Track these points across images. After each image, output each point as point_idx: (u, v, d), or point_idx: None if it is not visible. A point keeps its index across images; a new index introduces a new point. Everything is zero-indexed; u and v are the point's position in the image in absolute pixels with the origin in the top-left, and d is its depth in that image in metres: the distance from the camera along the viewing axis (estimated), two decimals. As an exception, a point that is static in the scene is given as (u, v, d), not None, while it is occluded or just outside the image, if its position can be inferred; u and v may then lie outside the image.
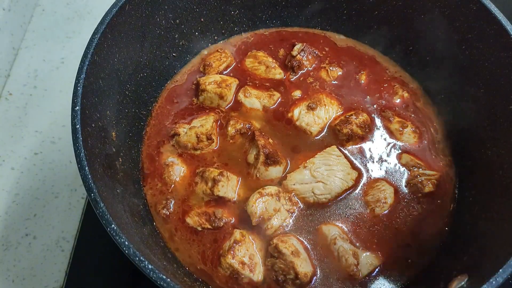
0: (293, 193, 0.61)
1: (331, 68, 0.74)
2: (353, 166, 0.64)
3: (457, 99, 0.67)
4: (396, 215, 0.61)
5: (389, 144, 0.67)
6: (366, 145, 0.66)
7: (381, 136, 0.68)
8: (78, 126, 0.50)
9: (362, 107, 0.70)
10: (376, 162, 0.65)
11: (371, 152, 0.66)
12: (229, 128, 0.67)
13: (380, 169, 0.65)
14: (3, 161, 0.78)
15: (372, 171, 0.64)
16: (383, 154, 0.66)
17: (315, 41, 0.78)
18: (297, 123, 0.67)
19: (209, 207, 0.61)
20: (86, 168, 0.48)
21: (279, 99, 0.70)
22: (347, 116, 0.67)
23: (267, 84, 0.73)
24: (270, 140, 0.65)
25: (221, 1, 0.73)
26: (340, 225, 0.60)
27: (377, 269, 0.58)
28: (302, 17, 0.79)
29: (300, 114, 0.68)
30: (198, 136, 0.65)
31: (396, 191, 0.63)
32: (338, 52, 0.77)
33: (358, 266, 0.56)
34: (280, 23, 0.80)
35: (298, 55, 0.74)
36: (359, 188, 0.63)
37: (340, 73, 0.74)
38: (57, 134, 0.81)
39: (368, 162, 0.65)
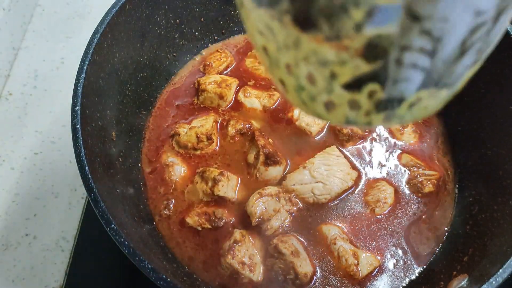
0: (293, 194, 0.61)
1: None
2: (353, 166, 0.64)
3: (457, 99, 0.67)
4: (396, 215, 0.61)
5: (389, 144, 0.67)
6: (366, 145, 0.66)
7: (381, 136, 0.68)
8: (78, 126, 0.50)
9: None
10: (376, 162, 0.65)
11: (371, 152, 0.66)
12: (229, 128, 0.67)
13: (380, 169, 0.65)
14: (3, 161, 0.78)
15: (372, 171, 0.64)
16: (383, 154, 0.66)
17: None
18: (297, 123, 0.67)
19: (209, 207, 0.61)
20: (86, 168, 0.48)
21: (279, 99, 0.70)
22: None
23: (267, 84, 0.73)
24: (270, 140, 0.65)
25: (221, 1, 0.73)
26: (340, 225, 0.60)
27: (377, 269, 0.58)
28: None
29: (300, 114, 0.68)
30: (198, 136, 0.65)
31: (396, 191, 0.63)
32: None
33: (358, 266, 0.56)
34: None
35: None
36: (359, 188, 0.63)
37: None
38: (57, 134, 0.81)
39: (368, 162, 0.65)
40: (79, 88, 0.51)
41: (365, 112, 0.21)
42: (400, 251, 0.59)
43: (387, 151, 0.66)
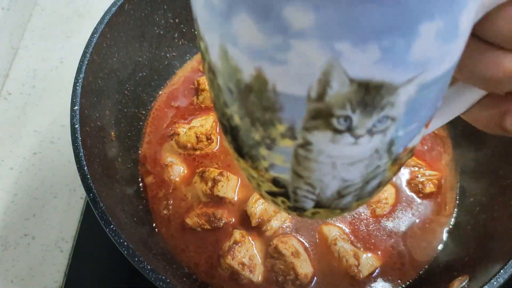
0: (293, 194, 0.61)
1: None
2: (354, 166, 0.64)
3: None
4: (397, 216, 0.61)
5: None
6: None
7: (382, 136, 0.68)
8: (77, 126, 0.49)
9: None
10: (377, 162, 0.65)
11: (371, 152, 0.66)
12: (229, 128, 0.66)
13: (381, 169, 0.64)
14: (2, 161, 0.78)
15: (372, 171, 0.64)
16: (383, 154, 0.66)
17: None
18: (297, 123, 0.67)
19: (209, 207, 0.61)
20: (85, 168, 0.47)
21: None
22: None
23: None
24: (270, 140, 0.65)
25: (221, 0, 0.73)
26: (340, 225, 0.60)
27: (377, 270, 0.58)
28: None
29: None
30: (198, 136, 0.65)
31: (397, 191, 0.63)
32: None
33: (359, 266, 0.56)
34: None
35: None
36: (359, 188, 0.63)
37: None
38: (56, 134, 0.81)
39: (369, 162, 0.65)
40: (78, 88, 0.51)
41: (283, 209, 0.29)
42: (400, 251, 0.59)
43: (387, 151, 0.66)
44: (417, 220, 0.61)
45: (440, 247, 0.60)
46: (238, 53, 0.19)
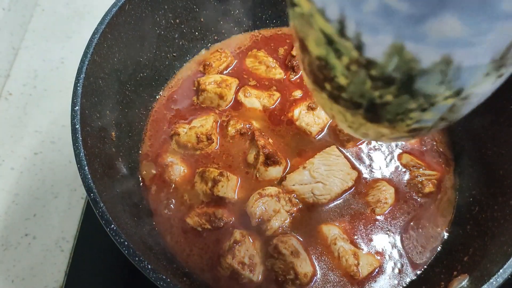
0: (293, 194, 0.61)
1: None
2: (353, 166, 0.64)
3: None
4: (397, 216, 0.61)
5: (389, 144, 0.67)
6: (366, 145, 0.66)
7: (382, 136, 0.68)
8: (77, 126, 0.50)
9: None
10: (377, 162, 0.65)
11: (371, 152, 0.66)
12: (229, 128, 0.67)
13: (381, 169, 0.65)
14: (2, 161, 0.78)
15: (372, 171, 0.64)
16: (383, 154, 0.66)
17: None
18: (297, 123, 0.67)
19: (209, 207, 0.61)
20: (86, 168, 0.48)
21: (279, 99, 0.70)
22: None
23: (267, 83, 0.73)
24: (270, 140, 0.65)
25: (221, 1, 0.73)
26: (340, 225, 0.60)
27: (377, 270, 0.58)
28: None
29: (300, 114, 0.68)
30: (198, 136, 0.65)
31: (397, 191, 0.63)
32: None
33: (359, 266, 0.56)
34: (280, 23, 0.80)
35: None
36: (359, 188, 0.63)
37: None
38: (56, 134, 0.81)
39: (369, 162, 0.65)
40: (78, 88, 0.51)
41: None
42: (400, 251, 0.59)
43: (387, 151, 0.66)
44: (416, 220, 0.61)
45: (439, 246, 0.60)
46: (422, 47, 0.21)
